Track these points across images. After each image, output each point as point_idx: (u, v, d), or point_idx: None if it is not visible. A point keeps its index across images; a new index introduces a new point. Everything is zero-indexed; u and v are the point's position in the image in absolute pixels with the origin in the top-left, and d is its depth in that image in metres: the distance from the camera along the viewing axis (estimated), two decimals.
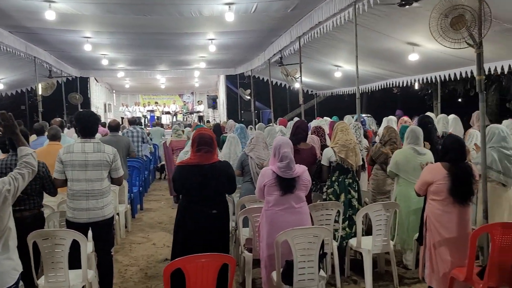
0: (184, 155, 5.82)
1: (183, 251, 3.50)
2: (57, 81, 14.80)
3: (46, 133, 5.94)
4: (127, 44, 11.77)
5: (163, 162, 12.34)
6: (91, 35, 10.30)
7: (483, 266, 3.39)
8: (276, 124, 11.21)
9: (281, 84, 16.45)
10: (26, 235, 3.58)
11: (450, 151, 3.57)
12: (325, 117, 9.14)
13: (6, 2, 7.34)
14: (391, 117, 7.74)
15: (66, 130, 8.00)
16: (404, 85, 11.67)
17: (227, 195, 4.00)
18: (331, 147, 4.87)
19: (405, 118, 7.66)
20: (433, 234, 3.59)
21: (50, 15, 7.55)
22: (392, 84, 12.17)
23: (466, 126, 6.70)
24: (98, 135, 7.37)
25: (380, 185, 5.34)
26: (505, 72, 8.00)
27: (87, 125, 4.04)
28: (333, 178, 4.83)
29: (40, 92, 12.41)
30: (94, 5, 7.77)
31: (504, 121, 6.09)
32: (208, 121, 18.82)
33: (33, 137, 6.56)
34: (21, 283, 3.66)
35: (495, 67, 7.87)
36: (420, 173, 4.57)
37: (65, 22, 8.63)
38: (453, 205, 3.51)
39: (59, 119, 7.90)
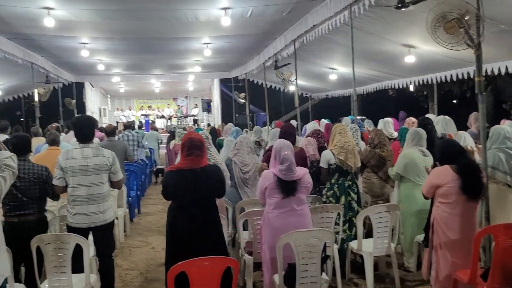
0: None
1: (173, 255, 3.44)
2: (54, 87, 14.72)
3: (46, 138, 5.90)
4: (123, 49, 11.74)
5: (159, 166, 12.33)
6: (88, 41, 10.26)
7: (486, 268, 3.37)
8: (272, 127, 11.19)
9: (275, 87, 16.46)
10: (30, 239, 3.57)
11: (449, 154, 3.60)
12: (322, 120, 9.10)
13: (4, 10, 7.29)
14: (387, 119, 7.68)
15: (63, 135, 7.94)
16: (400, 87, 11.67)
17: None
18: (330, 150, 4.85)
19: (412, 119, 7.54)
20: (440, 237, 3.58)
21: (49, 22, 7.51)
22: (388, 86, 12.18)
23: (462, 127, 6.68)
24: (95, 140, 7.36)
25: (372, 188, 5.32)
26: (502, 73, 8.01)
27: (84, 130, 4.01)
28: (333, 181, 4.81)
29: (37, 98, 12.33)
30: (92, 12, 7.73)
31: (507, 122, 6.02)
32: (209, 124, 18.70)
33: (41, 140, 6.53)
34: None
35: (492, 69, 7.87)
36: (427, 175, 4.58)
37: (63, 29, 8.58)
38: (462, 207, 3.50)
39: (56, 124, 7.87)
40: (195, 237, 3.44)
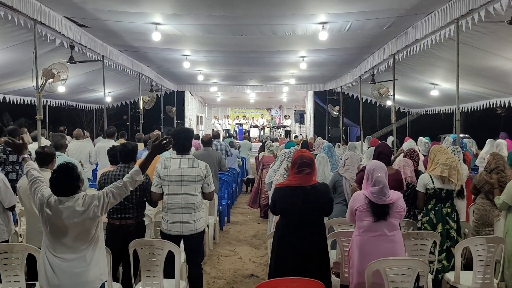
0: (274, 173, 5.82)
1: (278, 271, 3.49)
2: (157, 94, 15.76)
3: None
4: (221, 61, 12.25)
5: (250, 176, 12.58)
6: (190, 53, 10.87)
7: None
8: (365, 143, 10.89)
9: (371, 100, 16.01)
10: (129, 241, 3.84)
11: None
12: (420, 138, 8.62)
13: (118, 25, 8.01)
14: (500, 140, 6.96)
15: None
16: None
17: None
18: (428, 173, 4.58)
19: None
20: None
21: (156, 36, 8.11)
22: (496, 103, 11.25)
23: None
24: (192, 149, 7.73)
25: (485, 217, 4.90)
26: None
27: (183, 142, 4.21)
28: (429, 206, 4.53)
29: (141, 106, 13.31)
30: (195, 27, 8.21)
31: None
32: (296, 136, 18.83)
33: (140, 146, 7.00)
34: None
35: None
36: None
37: (168, 42, 9.20)
38: None
39: (157, 132, 8.37)
40: (300, 256, 3.46)
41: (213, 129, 22.88)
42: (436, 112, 15.50)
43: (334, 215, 4.92)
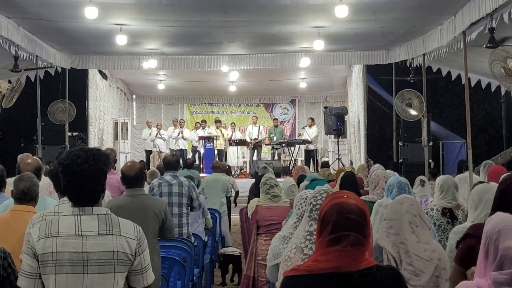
0: (283, 244, 5.82)
1: None
2: (28, 78, 15.70)
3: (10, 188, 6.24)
4: (165, 3, 12.32)
5: (231, 249, 12.41)
6: None
7: None
8: (481, 176, 10.92)
9: (488, 85, 16.20)
10: None
11: None
12: None
13: None
14: None
15: (43, 179, 8.33)
16: None
17: None
18: None
19: None
20: None
21: None
22: None
23: None
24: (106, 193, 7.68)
25: None
26: None
27: (87, 181, 4.16)
28: None
29: None
30: None
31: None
32: (325, 165, 18.59)
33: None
34: None
35: None
36: None
37: None
38: None
39: (35, 158, 8.28)
40: None
41: (148, 152, 22.89)
42: None
43: None
